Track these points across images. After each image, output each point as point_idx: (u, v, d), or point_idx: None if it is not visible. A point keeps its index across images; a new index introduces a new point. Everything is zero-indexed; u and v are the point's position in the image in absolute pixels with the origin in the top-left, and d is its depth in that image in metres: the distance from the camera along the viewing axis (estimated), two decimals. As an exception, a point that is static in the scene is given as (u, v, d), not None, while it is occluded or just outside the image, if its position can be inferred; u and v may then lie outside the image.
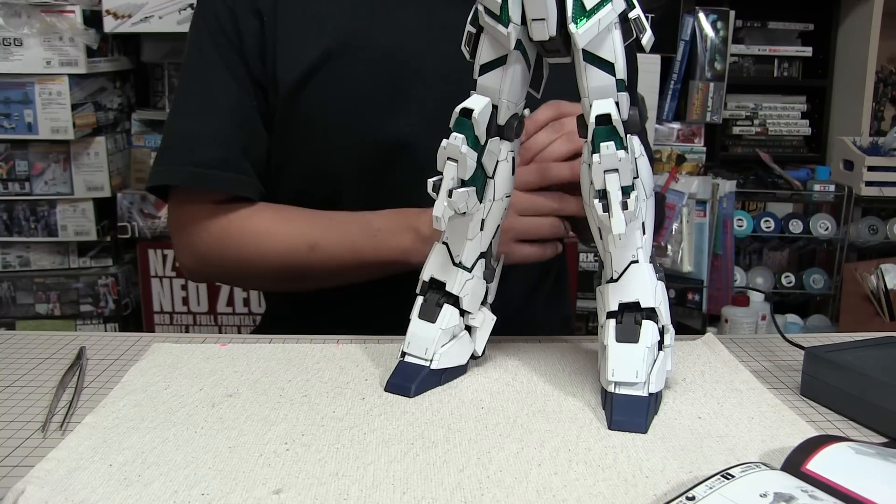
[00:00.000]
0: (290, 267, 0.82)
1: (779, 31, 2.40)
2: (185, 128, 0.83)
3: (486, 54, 0.60)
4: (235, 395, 0.62)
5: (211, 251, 0.84)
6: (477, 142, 0.61)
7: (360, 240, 0.79)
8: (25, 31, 1.77)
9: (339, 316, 0.86)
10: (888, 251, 2.32)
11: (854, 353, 0.63)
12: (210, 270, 0.88)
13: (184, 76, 0.87)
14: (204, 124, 0.82)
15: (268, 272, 0.84)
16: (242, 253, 0.83)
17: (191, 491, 0.48)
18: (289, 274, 0.83)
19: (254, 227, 0.82)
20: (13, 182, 1.89)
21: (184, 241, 0.86)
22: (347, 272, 0.81)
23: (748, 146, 2.42)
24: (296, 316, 0.93)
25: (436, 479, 0.50)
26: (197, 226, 0.84)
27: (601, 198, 0.58)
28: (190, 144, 0.82)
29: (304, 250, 0.81)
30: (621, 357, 0.60)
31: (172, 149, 0.83)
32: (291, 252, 0.81)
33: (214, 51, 0.82)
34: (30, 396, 0.63)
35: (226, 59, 0.82)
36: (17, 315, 1.97)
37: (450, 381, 0.66)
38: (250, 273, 0.86)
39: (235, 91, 0.82)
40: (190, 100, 0.85)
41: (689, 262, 2.15)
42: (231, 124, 0.81)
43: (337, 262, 0.81)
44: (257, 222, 0.83)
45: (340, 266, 0.81)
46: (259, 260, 0.83)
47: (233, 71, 0.82)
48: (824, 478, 0.46)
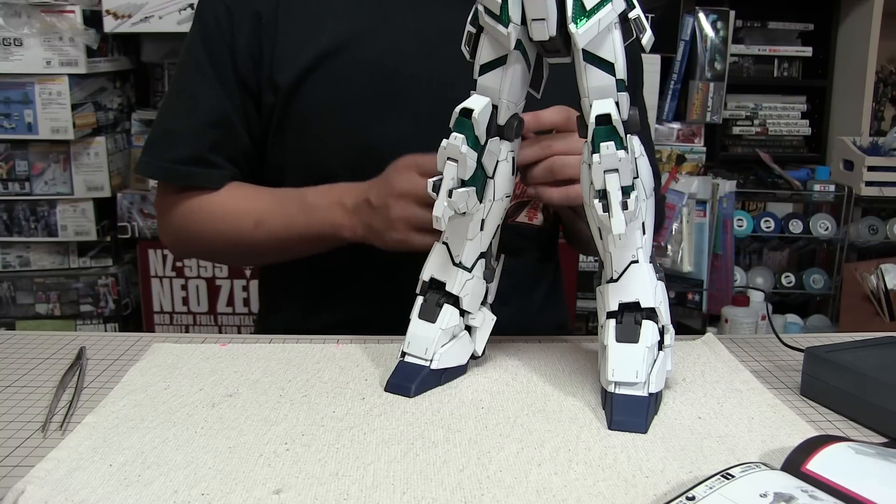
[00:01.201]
0: (240, 243, 0.86)
1: (779, 31, 2.40)
2: (168, 125, 0.88)
3: (486, 54, 0.60)
4: (235, 395, 0.62)
5: (180, 230, 0.90)
6: (477, 142, 0.61)
7: (296, 216, 0.82)
8: (25, 31, 1.77)
9: (336, 310, 0.87)
10: (888, 251, 2.32)
11: (854, 353, 0.63)
12: (182, 247, 0.96)
13: (175, 74, 0.91)
14: (183, 123, 0.87)
15: (225, 247, 0.89)
16: (202, 231, 0.88)
17: (191, 491, 0.48)
18: (242, 249, 0.88)
19: (211, 207, 0.87)
20: (13, 182, 1.89)
21: (162, 222, 0.94)
22: (290, 247, 0.85)
23: (748, 146, 2.42)
24: (290, 308, 0.94)
25: (436, 479, 0.50)
26: (171, 210, 0.90)
27: (601, 198, 0.58)
28: (169, 142, 0.87)
29: (250, 227, 0.84)
30: (621, 357, 0.60)
31: (156, 143, 0.88)
32: (239, 228, 0.85)
33: (203, 50, 0.85)
34: (30, 396, 0.63)
35: (214, 58, 0.85)
36: (17, 315, 1.97)
37: (450, 381, 0.66)
38: (213, 248, 0.92)
39: (217, 92, 0.85)
40: (175, 98, 0.89)
41: (689, 262, 2.15)
42: (206, 124, 0.85)
43: (278, 237, 0.84)
44: (215, 202, 0.87)
45: (283, 241, 0.84)
46: (215, 236, 0.87)
47: (219, 72, 0.85)
48: (824, 478, 0.46)
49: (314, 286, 0.91)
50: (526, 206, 0.88)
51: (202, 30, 0.86)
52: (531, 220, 0.89)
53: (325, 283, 0.90)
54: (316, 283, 0.90)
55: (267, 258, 0.93)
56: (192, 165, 0.86)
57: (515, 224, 0.87)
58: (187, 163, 0.86)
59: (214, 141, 0.86)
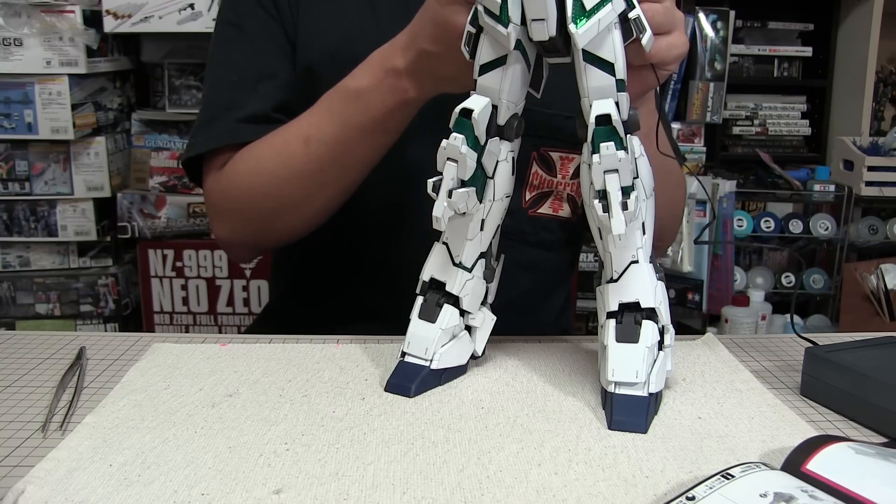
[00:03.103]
0: (296, 173, 0.77)
1: (779, 31, 2.40)
2: (217, 101, 0.84)
3: (486, 54, 0.60)
4: (235, 395, 0.62)
5: (226, 198, 0.82)
6: (477, 142, 0.61)
7: (346, 109, 0.72)
8: (25, 31, 1.77)
9: (342, 304, 0.86)
10: (888, 251, 2.32)
11: (854, 353, 0.63)
12: (236, 226, 0.83)
13: (215, 49, 0.87)
14: (233, 90, 0.82)
15: (281, 191, 0.78)
16: (254, 184, 0.79)
17: (191, 491, 0.48)
18: (300, 183, 0.77)
19: (254, 153, 0.80)
20: (13, 182, 1.89)
21: (212, 211, 0.85)
22: (353, 151, 0.74)
23: (748, 146, 2.42)
24: (297, 303, 0.94)
25: (436, 479, 0.50)
26: (219, 184, 0.83)
27: (601, 198, 0.58)
28: (225, 112, 0.82)
29: (300, 148, 0.75)
30: (621, 357, 0.60)
31: (212, 120, 0.83)
32: (290, 156, 0.76)
33: (253, 20, 0.83)
34: (30, 396, 0.63)
35: (264, 26, 0.83)
36: (17, 315, 1.97)
37: (450, 381, 0.66)
38: (269, 205, 0.80)
39: (257, 50, 0.83)
40: (219, 72, 0.85)
41: (689, 262, 2.15)
42: (254, 80, 0.82)
43: (334, 143, 0.74)
44: (257, 146, 0.80)
45: (342, 146, 0.74)
46: (267, 179, 0.78)
47: (274, 36, 0.83)
48: (824, 478, 0.46)
49: (330, 272, 0.90)
50: (549, 197, 0.86)
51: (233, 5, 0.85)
52: (556, 211, 0.87)
53: (341, 269, 0.89)
54: (332, 268, 0.90)
55: (334, 185, 0.78)
56: (256, 123, 0.81)
57: (538, 216, 0.86)
58: (251, 121, 0.81)
59: (269, 94, 0.82)
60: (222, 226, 0.84)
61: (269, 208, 0.80)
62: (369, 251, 0.87)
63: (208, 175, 0.85)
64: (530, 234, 0.87)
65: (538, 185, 0.84)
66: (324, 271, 0.91)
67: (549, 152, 0.83)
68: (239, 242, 0.85)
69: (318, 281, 0.92)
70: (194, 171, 0.87)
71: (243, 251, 0.89)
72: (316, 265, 0.91)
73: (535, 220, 0.86)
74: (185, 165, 0.87)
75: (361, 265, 0.88)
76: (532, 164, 0.83)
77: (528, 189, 0.84)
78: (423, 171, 0.62)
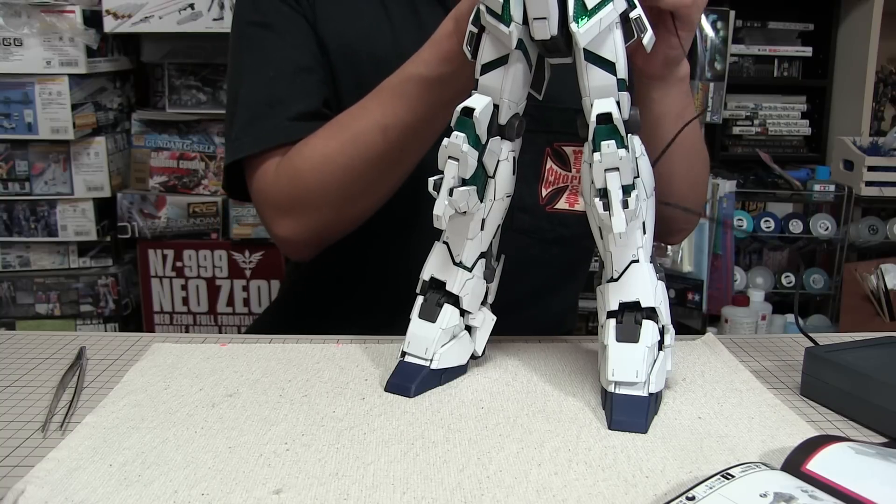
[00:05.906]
0: (375, 160, 0.76)
1: (779, 31, 2.40)
2: (255, 99, 0.82)
3: (488, 54, 0.60)
4: (235, 395, 0.62)
5: (292, 197, 0.80)
6: (478, 141, 0.61)
7: (422, 96, 0.72)
8: (25, 31, 1.77)
9: (352, 303, 0.87)
10: (888, 251, 2.32)
11: (854, 353, 0.63)
12: (303, 221, 0.81)
13: (242, 50, 0.86)
14: (274, 87, 0.81)
15: (359, 178, 0.77)
16: (324, 178, 0.77)
17: (191, 491, 0.48)
18: (379, 166, 0.77)
19: (311, 151, 0.78)
20: (13, 182, 1.89)
21: (272, 211, 0.82)
22: (440, 124, 0.73)
23: (748, 146, 2.42)
24: (306, 300, 0.94)
25: (436, 479, 0.50)
26: (271, 186, 0.81)
27: (602, 197, 0.58)
28: (269, 111, 0.81)
29: (378, 138, 0.74)
30: (621, 357, 0.60)
31: (253, 121, 0.82)
32: (367, 147, 0.75)
33: (280, 16, 0.83)
34: (30, 396, 0.63)
35: (293, 21, 0.83)
36: (17, 315, 1.97)
37: (450, 381, 0.65)
38: (344, 194, 0.79)
39: (289, 44, 0.82)
40: (263, 67, 0.84)
41: (689, 262, 2.15)
42: (293, 73, 0.81)
43: (418, 124, 0.73)
44: (310, 145, 0.79)
45: (425, 123, 0.73)
46: (342, 173, 0.77)
47: (303, 30, 0.83)
48: (824, 478, 0.46)
49: (338, 273, 0.90)
50: (565, 192, 0.86)
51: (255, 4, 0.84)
52: (572, 206, 0.87)
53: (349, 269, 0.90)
54: (341, 269, 0.90)
55: (414, 159, 0.78)
56: (307, 120, 0.80)
57: (555, 212, 0.86)
58: (303, 118, 0.80)
59: (313, 89, 0.82)
60: (287, 224, 0.82)
61: (345, 197, 0.79)
62: (377, 251, 0.87)
63: (260, 176, 0.82)
64: (548, 231, 0.88)
65: (554, 181, 0.84)
66: (332, 271, 0.91)
67: (562, 147, 0.84)
68: (304, 239, 0.83)
69: (326, 281, 0.92)
70: (232, 172, 0.85)
71: (304, 248, 0.86)
72: (325, 265, 0.92)
73: (552, 217, 0.86)
74: (226, 168, 0.85)
75: (367, 265, 0.88)
76: (547, 160, 0.83)
77: (544, 185, 0.84)
78: (432, 171, 0.62)
